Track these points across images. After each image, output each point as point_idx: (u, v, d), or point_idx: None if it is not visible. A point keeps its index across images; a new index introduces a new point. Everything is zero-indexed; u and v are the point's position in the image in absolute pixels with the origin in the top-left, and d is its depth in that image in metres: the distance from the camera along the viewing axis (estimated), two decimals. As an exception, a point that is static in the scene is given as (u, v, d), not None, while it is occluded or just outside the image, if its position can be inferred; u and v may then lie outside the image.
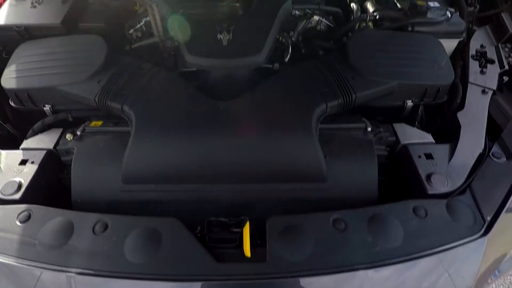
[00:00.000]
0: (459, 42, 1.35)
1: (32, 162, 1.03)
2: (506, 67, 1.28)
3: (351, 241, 0.87)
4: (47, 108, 1.18)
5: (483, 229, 0.91)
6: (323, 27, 1.40)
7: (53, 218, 0.88)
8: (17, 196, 0.95)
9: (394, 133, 1.15)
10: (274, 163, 1.03)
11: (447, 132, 1.17)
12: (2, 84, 1.16)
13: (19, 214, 0.89)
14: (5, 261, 0.82)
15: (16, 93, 1.15)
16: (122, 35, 1.42)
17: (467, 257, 0.90)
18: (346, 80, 1.12)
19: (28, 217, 0.88)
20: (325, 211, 0.92)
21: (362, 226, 0.89)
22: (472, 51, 1.32)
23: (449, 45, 1.33)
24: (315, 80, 1.14)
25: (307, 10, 1.38)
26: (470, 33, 1.39)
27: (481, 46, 1.33)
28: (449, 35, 1.31)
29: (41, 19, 1.32)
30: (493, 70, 1.27)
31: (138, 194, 1.03)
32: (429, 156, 1.06)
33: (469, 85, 1.23)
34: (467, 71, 1.27)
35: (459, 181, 1.00)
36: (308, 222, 0.89)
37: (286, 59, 1.32)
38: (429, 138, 1.14)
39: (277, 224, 0.88)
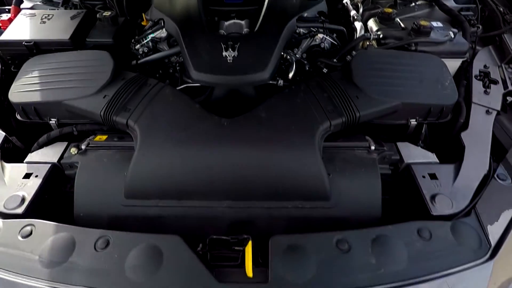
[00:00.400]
0: (462, 62, 1.36)
1: (36, 176, 1.04)
2: (510, 87, 1.29)
3: (354, 263, 0.86)
4: (52, 122, 1.19)
5: (489, 253, 0.90)
6: (327, 45, 1.42)
7: (55, 234, 0.88)
8: (20, 210, 0.95)
9: (398, 152, 1.15)
10: (277, 181, 1.03)
11: (451, 152, 1.17)
12: (10, 98, 1.17)
13: (21, 229, 0.89)
14: (6, 277, 0.81)
15: (23, 107, 1.16)
16: (128, 50, 1.44)
17: (473, 282, 0.88)
18: (350, 98, 1.13)
19: (30, 233, 0.88)
20: (328, 229, 0.92)
21: (365, 247, 0.88)
22: (475, 71, 1.33)
23: (453, 65, 1.34)
24: (319, 98, 1.14)
25: (312, 28, 1.40)
26: (473, 53, 1.40)
27: (485, 66, 1.34)
28: (453, 55, 1.32)
29: (50, 34, 1.34)
30: (497, 91, 1.27)
31: (141, 209, 1.03)
32: (433, 176, 1.06)
33: (473, 105, 1.23)
34: (471, 91, 1.27)
35: (464, 203, 0.99)
36: (311, 242, 0.88)
37: (290, 76, 1.33)
38: (433, 158, 1.14)
39: (280, 244, 0.88)
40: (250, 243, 0.89)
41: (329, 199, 1.03)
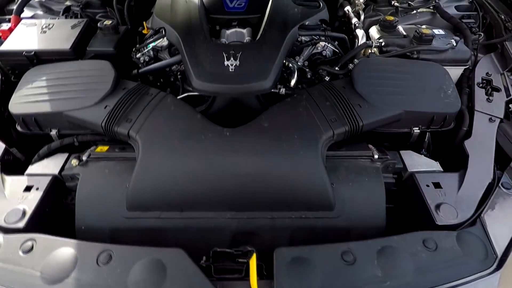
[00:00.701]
0: (465, 69, 1.36)
1: (37, 189, 1.02)
2: (513, 95, 1.29)
3: (360, 275, 0.85)
4: (53, 133, 1.18)
5: (495, 263, 0.89)
6: (328, 53, 1.42)
7: (56, 249, 0.87)
8: (21, 224, 0.94)
9: (401, 160, 1.14)
10: (281, 191, 1.02)
11: (455, 160, 1.16)
12: (10, 109, 1.16)
13: (22, 244, 0.88)
14: (6, 295, 0.80)
15: (23, 118, 1.15)
16: (129, 59, 1.43)
17: (480, 293, 0.87)
18: (352, 107, 1.12)
19: (31, 248, 0.87)
20: (333, 239, 0.91)
21: (371, 259, 0.87)
22: (477, 79, 1.33)
23: (455, 72, 1.34)
24: (321, 107, 1.14)
25: (313, 36, 1.40)
26: (475, 61, 1.40)
27: (487, 74, 1.34)
28: (455, 62, 1.32)
29: (51, 44, 1.34)
30: (500, 98, 1.27)
31: (143, 221, 1.02)
32: (437, 185, 1.05)
33: (475, 113, 1.23)
34: (473, 99, 1.27)
35: (469, 212, 0.99)
36: (316, 254, 0.88)
37: (292, 84, 1.32)
38: (437, 166, 1.13)
39: (285, 256, 0.87)
40: (254, 256, 0.88)
41: (333, 209, 1.02)
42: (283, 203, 1.03)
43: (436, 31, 1.36)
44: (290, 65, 1.33)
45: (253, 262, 0.87)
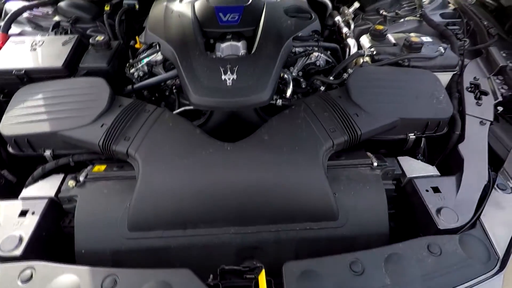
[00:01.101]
0: (453, 75, 1.40)
1: (33, 213, 0.98)
2: (500, 98, 1.33)
3: (370, 285, 0.85)
4: (47, 153, 1.14)
5: (498, 264, 0.91)
6: (322, 63, 1.44)
7: (57, 276, 0.83)
8: (18, 252, 0.90)
9: (400, 166, 1.16)
10: (284, 203, 1.02)
11: (449, 164, 1.19)
12: (1, 130, 1.12)
13: (21, 273, 0.84)
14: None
15: (15, 140, 1.11)
16: (123, 75, 1.41)
17: (486, 294, 0.89)
18: (350, 117, 1.14)
19: (30, 276, 0.83)
20: (338, 249, 0.92)
21: (379, 267, 0.88)
22: (466, 84, 1.37)
23: (444, 78, 1.38)
24: (320, 118, 1.15)
25: (307, 47, 1.42)
26: (462, 66, 1.45)
27: (475, 78, 1.39)
28: (444, 68, 1.36)
29: (42, 62, 1.30)
30: (488, 102, 1.32)
31: (145, 241, 0.99)
32: (436, 190, 1.07)
33: (467, 117, 1.26)
34: (464, 103, 1.31)
35: (468, 215, 1.01)
36: (324, 266, 0.87)
37: (288, 95, 1.33)
38: (434, 171, 1.16)
39: (294, 270, 0.86)
40: (263, 272, 0.87)
41: (337, 218, 1.03)
42: (287, 215, 1.02)
43: (424, 39, 1.41)
44: (285, 76, 1.35)
45: (262, 278, 0.86)
